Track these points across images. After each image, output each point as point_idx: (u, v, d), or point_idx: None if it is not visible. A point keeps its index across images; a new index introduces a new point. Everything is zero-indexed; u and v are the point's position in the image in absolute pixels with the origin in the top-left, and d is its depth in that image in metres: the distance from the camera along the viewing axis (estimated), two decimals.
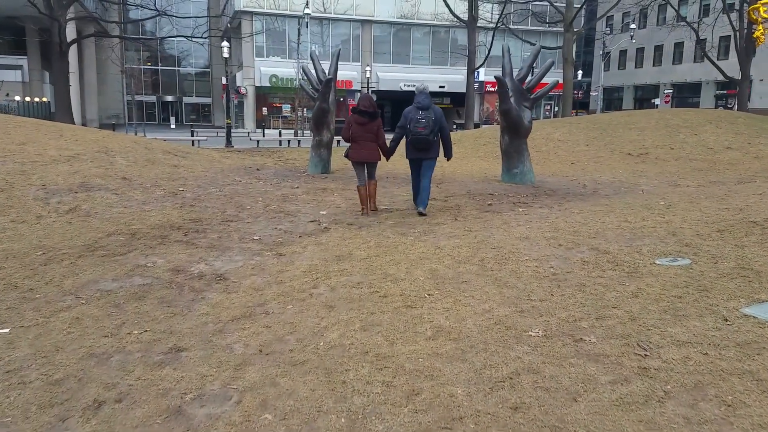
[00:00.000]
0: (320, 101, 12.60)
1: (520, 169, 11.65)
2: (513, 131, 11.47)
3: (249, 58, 43.36)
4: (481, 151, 17.61)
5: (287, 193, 9.92)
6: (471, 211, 8.41)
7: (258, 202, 8.96)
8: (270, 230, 7.04)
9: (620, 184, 11.58)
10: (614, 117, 19.97)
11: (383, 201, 9.29)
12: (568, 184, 11.76)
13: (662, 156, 15.83)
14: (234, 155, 17.04)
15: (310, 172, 13.11)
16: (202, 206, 8.48)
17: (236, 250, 6.05)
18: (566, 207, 8.38)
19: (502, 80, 11.06)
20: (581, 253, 5.23)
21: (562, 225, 6.44)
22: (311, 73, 13.26)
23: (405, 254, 5.61)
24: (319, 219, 7.75)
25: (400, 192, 10.28)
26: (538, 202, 9.30)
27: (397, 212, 8.32)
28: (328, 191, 10.29)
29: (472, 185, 11.30)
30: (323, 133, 12.93)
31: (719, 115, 19.51)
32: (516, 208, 8.65)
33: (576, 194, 10.26)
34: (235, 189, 10.19)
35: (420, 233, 6.67)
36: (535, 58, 11.79)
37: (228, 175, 11.87)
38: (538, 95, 11.92)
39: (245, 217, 7.79)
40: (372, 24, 45.47)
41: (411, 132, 7.96)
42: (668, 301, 3.97)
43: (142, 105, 65.25)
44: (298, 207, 8.67)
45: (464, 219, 7.68)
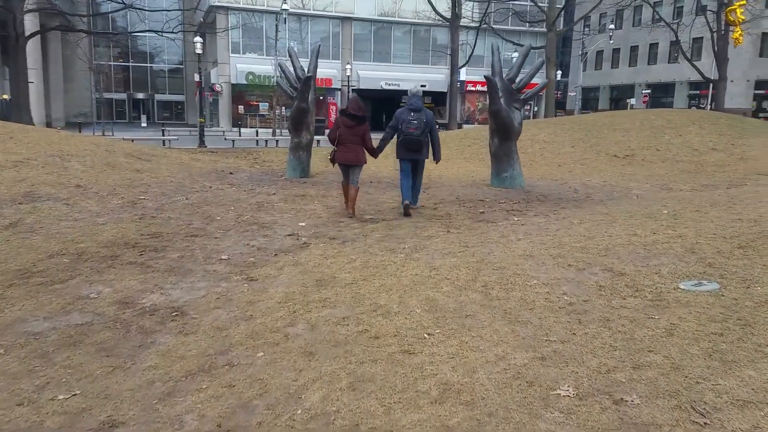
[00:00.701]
0: (299, 100, 11.85)
1: (510, 173, 11.05)
2: (503, 133, 10.86)
3: (224, 55, 42.28)
4: (466, 152, 17.00)
5: (262, 201, 9.18)
6: (463, 220, 7.76)
7: (229, 212, 8.21)
8: (241, 247, 6.31)
9: (611, 189, 11.05)
10: (598, 118, 19.53)
11: (368, 209, 8.60)
12: (558, 188, 11.19)
13: (649, 158, 15.39)
14: (206, 157, 16.19)
15: (288, 176, 12.36)
16: (165, 218, 7.70)
17: (199, 273, 5.31)
18: (563, 215, 7.78)
19: (492, 80, 10.44)
20: (594, 275, 4.60)
21: (566, 239, 5.82)
22: (289, 71, 12.51)
23: (396, 277, 4.93)
24: (298, 232, 7.04)
25: (386, 198, 9.61)
26: (532, 209, 8.69)
27: (384, 222, 7.64)
28: (307, 198, 9.57)
29: (460, 190, 10.66)
30: (302, 134, 12.19)
31: (701, 116, 19.18)
32: (510, 216, 8.02)
33: (569, 200, 9.68)
34: (204, 197, 9.41)
35: (411, 249, 6.00)
36: (524, 58, 11.20)
37: (197, 180, 11.07)
38: (527, 96, 11.34)
39: (213, 231, 7.04)
40: (352, 21, 44.65)
41: (403, 132, 8.26)
42: (709, 340, 3.35)
43: (112, 103, 63.65)
44: (274, 217, 7.94)
45: (457, 230, 7.03)
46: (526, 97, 11.29)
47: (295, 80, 12.15)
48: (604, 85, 63.61)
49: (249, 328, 3.95)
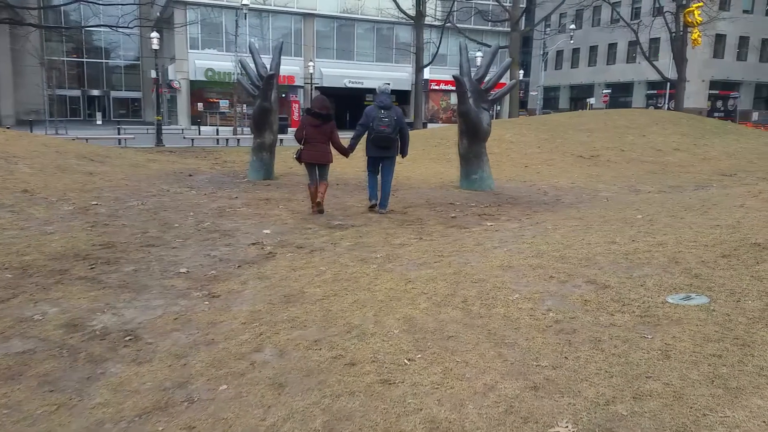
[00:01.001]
0: (261, 99, 11.44)
1: (480, 175, 10.86)
2: (472, 134, 10.66)
3: (182, 51, 41.22)
4: (433, 153, 16.80)
5: (224, 206, 8.75)
6: (435, 226, 7.50)
7: (188, 219, 7.77)
8: (201, 258, 5.91)
9: (580, 191, 10.97)
10: (562, 118, 19.59)
11: (335, 214, 8.27)
12: (527, 190, 11.05)
13: (613, 158, 15.45)
14: (163, 157, 15.59)
15: (251, 178, 11.93)
16: (119, 225, 7.23)
17: (156, 289, 4.91)
18: (537, 220, 7.59)
19: (460, 80, 10.22)
20: (578, 287, 4.38)
21: (544, 247, 5.61)
22: (250, 68, 12.07)
23: (370, 291, 4.62)
24: (262, 240, 6.66)
25: (353, 202, 9.28)
26: (504, 213, 8.49)
27: (353, 229, 7.32)
28: (271, 202, 9.18)
29: (429, 193, 10.42)
30: (265, 134, 11.77)
31: (663, 116, 19.43)
32: (483, 221, 7.80)
33: (540, 203, 9.53)
34: (162, 201, 8.93)
35: (383, 259, 5.70)
36: (493, 58, 11.02)
37: (154, 183, 10.55)
38: (496, 96, 11.17)
39: (171, 240, 6.61)
40: (314, 18, 44.09)
41: (374, 130, 8.24)
42: (708, 363, 3.15)
43: (66, 100, 61.57)
44: (236, 224, 7.54)
45: (430, 237, 6.76)
46: (494, 98, 11.13)
47: (257, 78, 11.73)
48: (564, 85, 64.54)
49: (210, 355, 3.59)
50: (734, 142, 16.71)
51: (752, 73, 53.04)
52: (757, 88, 54.47)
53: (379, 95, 8.46)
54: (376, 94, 8.54)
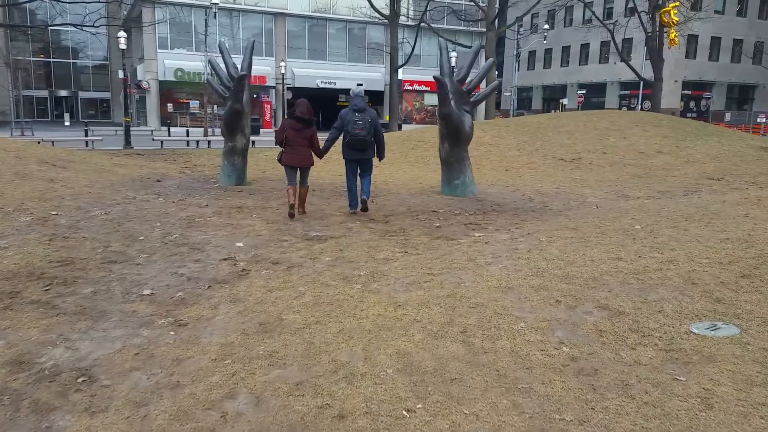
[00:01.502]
0: (232, 101, 10.86)
1: (462, 180, 10.43)
2: (454, 138, 10.23)
3: (151, 50, 40.17)
4: (410, 155, 16.34)
5: (194, 215, 8.17)
6: (420, 237, 7.03)
7: (155, 230, 7.18)
8: (168, 277, 5.35)
9: (566, 196, 10.61)
10: (542, 120, 19.31)
11: (313, 224, 7.75)
12: (511, 196, 10.66)
13: (596, 161, 15.17)
14: (131, 161, 14.88)
15: (222, 183, 11.33)
16: (79, 239, 6.62)
17: (116, 316, 4.35)
18: (527, 230, 7.18)
19: (442, 81, 9.78)
20: (590, 314, 3.95)
21: (543, 264, 5.18)
22: (220, 68, 11.47)
23: (356, 318, 4.13)
24: (235, 255, 6.12)
25: (332, 210, 8.76)
26: (491, 221, 8.06)
27: (332, 241, 6.82)
28: (244, 211, 8.62)
29: (410, 200, 9.95)
30: (237, 138, 11.19)
31: (643, 118, 19.27)
32: (470, 231, 7.36)
33: (527, 210, 9.13)
34: (127, 210, 8.31)
35: (368, 277, 5.21)
36: (475, 58, 10.60)
37: (119, 190, 9.90)
38: (478, 98, 10.76)
39: (135, 255, 6.04)
40: (286, 17, 43.34)
41: (349, 133, 8.28)
42: (760, 416, 2.72)
43: (33, 100, 59.85)
44: (207, 236, 6.97)
45: (416, 251, 6.29)
46: (476, 99, 10.72)
47: (228, 79, 11.14)
48: (537, 85, 64.75)
49: (175, 404, 3.06)
50: (717, 144, 16.58)
51: (724, 73, 53.78)
52: (729, 88, 55.26)
53: (353, 98, 8.53)
54: (351, 97, 8.61)
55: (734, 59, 54.69)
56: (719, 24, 51.97)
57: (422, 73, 45.73)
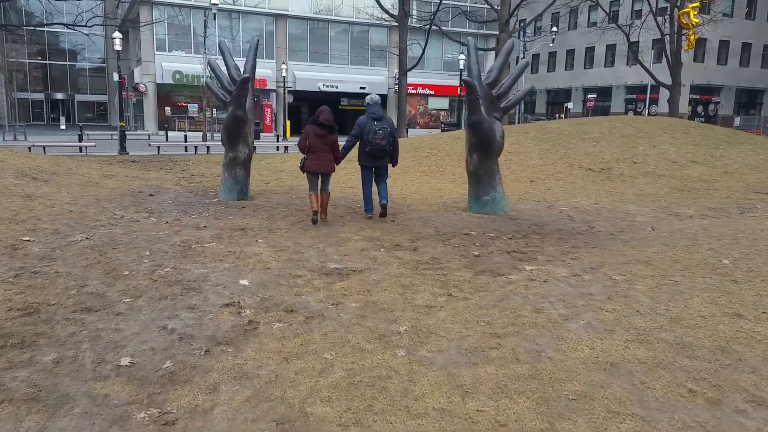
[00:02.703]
0: (234, 107, 9.72)
1: (492, 195, 9.28)
2: (483, 149, 9.09)
3: (149, 53, 39.01)
4: (424, 164, 15.19)
5: (189, 240, 7.00)
6: (459, 271, 5.86)
7: (143, 261, 6.01)
8: (154, 334, 4.18)
9: (610, 214, 9.44)
10: (563, 126, 18.16)
11: (330, 253, 6.57)
12: (547, 213, 9.50)
13: (627, 172, 14.02)
14: (123, 170, 13.70)
15: (222, 198, 10.18)
16: (52, 274, 5.45)
17: (80, 406, 3.18)
18: (588, 263, 6.03)
19: (472, 85, 8.63)
20: (744, 416, 2.80)
21: (640, 322, 4.03)
22: (221, 71, 10.33)
23: (410, 415, 2.97)
24: (239, 299, 4.95)
25: (349, 232, 7.58)
26: (538, 249, 6.90)
27: (357, 276, 5.64)
28: (249, 233, 7.45)
29: (435, 218, 8.79)
30: (239, 147, 10.04)
31: (671, 124, 18.12)
32: (518, 263, 6.19)
33: (572, 233, 7.97)
34: (113, 234, 7.14)
35: (411, 336, 4.05)
36: (507, 57, 9.47)
37: (106, 207, 8.74)
38: (510, 103, 9.62)
39: (116, 299, 4.87)
40: (287, 19, 42.23)
41: (369, 143, 8.24)
42: None
43: (28, 103, 58.73)
44: (204, 270, 5.80)
45: (460, 291, 5.12)
46: (508, 105, 9.58)
47: (229, 82, 10.00)
48: (541, 89, 63.64)
49: None
50: (752, 152, 15.44)
51: (733, 77, 52.76)
52: (738, 92, 54.23)
53: (372, 106, 8.43)
54: (369, 105, 8.47)
55: (743, 63, 53.71)
56: (727, 27, 50.92)
57: (426, 76, 44.65)
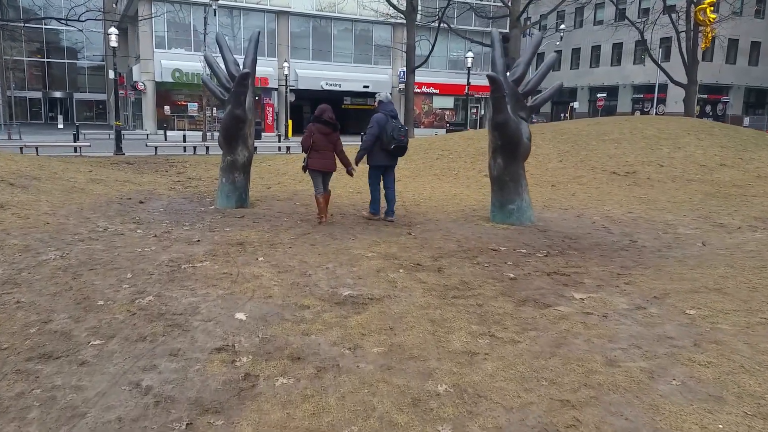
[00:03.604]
0: (232, 105, 8.80)
1: (518, 204, 8.35)
2: (510, 152, 8.16)
3: (148, 50, 38.06)
4: (436, 167, 14.27)
5: (179, 258, 6.08)
6: (498, 300, 4.93)
7: (122, 288, 5.09)
8: (123, 398, 3.26)
9: (649, 226, 8.50)
10: (580, 126, 17.22)
11: (343, 274, 5.63)
12: (579, 224, 8.57)
13: (654, 175, 13.09)
14: (114, 173, 12.79)
15: (220, 205, 9.26)
16: (12, 305, 4.54)
17: None
18: (650, 290, 5.11)
19: (498, 81, 7.70)
20: None
21: (751, 383, 3.11)
22: (218, 66, 9.41)
23: None
24: (234, 341, 4.03)
25: (362, 248, 6.63)
26: (581, 270, 5.96)
27: (375, 306, 4.71)
28: (248, 249, 6.53)
29: (455, 230, 7.87)
30: (238, 150, 9.12)
31: (694, 125, 17.18)
32: (564, 289, 5.26)
33: (613, 248, 7.04)
34: (92, 251, 6.23)
35: (455, 402, 3.12)
36: (535, 51, 8.54)
37: (89, 217, 7.82)
38: (537, 102, 8.69)
39: (83, 342, 3.95)
40: (289, 16, 41.27)
41: (395, 140, 8.05)
42: None
43: (26, 102, 57.87)
44: (194, 298, 4.88)
45: (504, 330, 4.19)
46: (535, 104, 8.66)
47: (227, 78, 9.08)
48: (546, 88, 62.60)
49: None
50: None
51: (742, 76, 51.78)
52: (747, 92, 53.24)
53: (387, 104, 8.34)
54: (384, 103, 8.35)
55: (752, 62, 52.72)
56: (737, 26, 49.92)
57: (431, 75, 43.68)
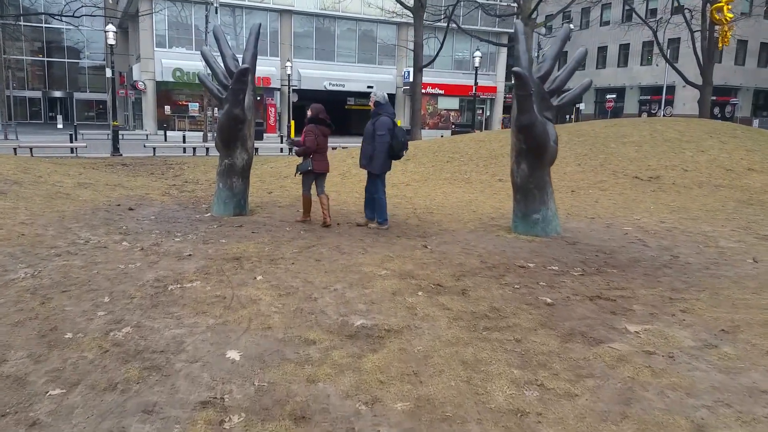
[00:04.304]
0: (230, 104, 8.05)
1: (543, 214, 7.59)
2: (535, 156, 7.40)
3: (148, 49, 37.37)
4: (445, 171, 13.51)
5: (166, 277, 5.32)
6: (535, 333, 4.16)
7: (96, 315, 4.34)
8: None
9: (687, 238, 7.72)
10: (597, 128, 16.45)
11: (353, 298, 4.87)
12: (610, 236, 7.80)
13: (679, 181, 12.31)
14: (107, 176, 12.05)
15: (216, 213, 8.52)
16: None
17: None
18: (710, 320, 4.36)
19: (525, 78, 6.93)
20: None
21: None
22: (215, 62, 8.66)
23: None
24: (224, 392, 3.27)
25: (373, 264, 5.86)
26: (626, 292, 5.20)
27: (392, 342, 3.95)
28: (245, 265, 5.78)
29: (476, 242, 7.11)
30: (236, 153, 8.38)
31: (716, 127, 16.39)
32: (612, 318, 4.50)
33: (654, 264, 6.27)
34: (68, 268, 5.48)
35: None
36: (563, 45, 7.78)
37: (69, 227, 7.07)
38: (564, 101, 7.93)
39: (40, 391, 3.19)
40: (292, 15, 40.53)
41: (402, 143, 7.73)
42: None
43: (26, 101, 57.23)
44: (180, 330, 4.13)
45: (554, 376, 3.43)
46: (562, 103, 7.89)
47: (225, 75, 8.33)
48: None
49: None
50: None
51: (751, 78, 50.97)
52: (756, 93, 52.41)
53: (387, 105, 7.84)
54: (383, 105, 7.78)
55: (761, 63, 51.92)
56: (746, 27, 49.11)
57: (436, 75, 42.90)
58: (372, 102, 7.85)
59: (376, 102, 7.80)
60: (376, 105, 7.81)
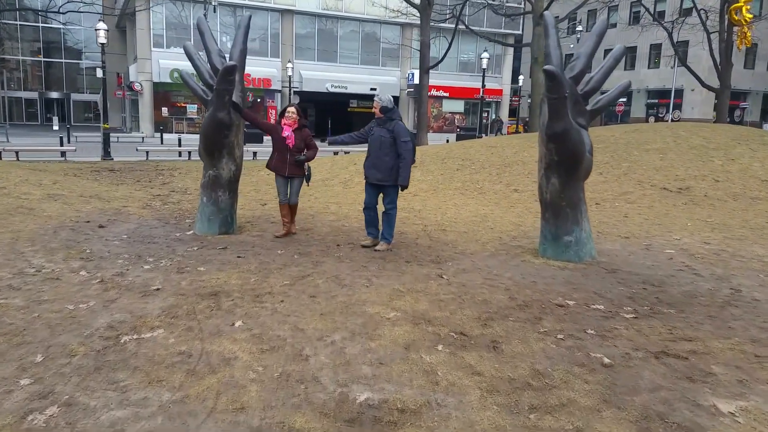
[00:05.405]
0: (215, 107, 6.99)
1: (576, 235, 6.53)
2: (568, 169, 6.34)
3: (145, 49, 36.35)
4: (456, 180, 12.44)
5: (122, 324, 4.26)
6: (598, 415, 3.09)
7: (17, 387, 3.27)
8: None
9: (739, 263, 6.66)
10: (617, 134, 15.39)
11: (357, 354, 3.81)
12: (653, 261, 6.73)
13: (711, 193, 11.24)
14: (86, 184, 10.99)
15: (199, 231, 7.46)
16: None
17: None
18: None
19: (558, 77, 5.86)
20: None
21: None
22: (200, 59, 7.61)
23: None
24: None
25: (379, 303, 4.80)
26: (695, 344, 4.14)
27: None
28: (223, 305, 4.71)
29: (499, 269, 6.05)
30: (221, 163, 7.32)
31: (743, 133, 15.34)
32: (691, 387, 3.43)
33: (717, 304, 5.20)
34: (3, 308, 4.43)
35: None
36: (599, 42, 6.74)
37: (21, 252, 6.01)
38: (600, 105, 6.88)
39: None
40: (293, 15, 39.51)
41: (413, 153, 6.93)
42: None
43: (21, 102, 56.29)
44: (121, 413, 3.06)
45: None
46: (598, 107, 6.84)
47: (210, 73, 7.28)
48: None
49: None
50: None
51: (760, 82, 49.91)
52: (765, 97, 51.34)
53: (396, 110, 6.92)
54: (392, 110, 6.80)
55: None
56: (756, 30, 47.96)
57: (440, 77, 41.83)
58: (377, 107, 6.81)
59: (383, 107, 6.78)
60: (383, 111, 6.78)
